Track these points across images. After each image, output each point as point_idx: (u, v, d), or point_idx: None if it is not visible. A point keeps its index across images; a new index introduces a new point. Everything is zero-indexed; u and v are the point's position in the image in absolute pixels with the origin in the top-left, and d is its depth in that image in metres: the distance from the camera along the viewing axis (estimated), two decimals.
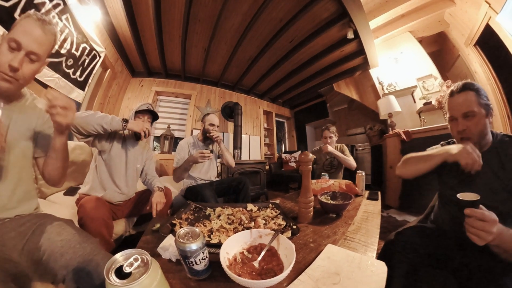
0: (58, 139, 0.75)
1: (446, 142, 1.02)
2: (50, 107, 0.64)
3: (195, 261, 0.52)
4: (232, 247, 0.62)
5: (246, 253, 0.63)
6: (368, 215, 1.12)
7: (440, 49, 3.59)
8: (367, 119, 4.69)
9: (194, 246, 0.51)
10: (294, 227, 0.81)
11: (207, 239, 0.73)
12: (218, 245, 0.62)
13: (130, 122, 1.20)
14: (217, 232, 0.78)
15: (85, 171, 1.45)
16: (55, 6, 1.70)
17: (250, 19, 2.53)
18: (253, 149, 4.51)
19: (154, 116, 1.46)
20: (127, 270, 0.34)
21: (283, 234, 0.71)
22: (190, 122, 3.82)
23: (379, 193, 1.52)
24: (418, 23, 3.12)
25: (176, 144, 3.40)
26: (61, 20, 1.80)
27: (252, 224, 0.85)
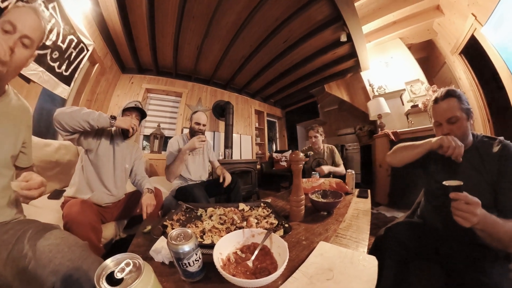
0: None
1: None
2: (22, 189, 0.57)
3: (189, 262, 0.52)
4: (225, 247, 0.62)
5: (239, 253, 0.63)
6: (358, 212, 1.15)
7: (427, 55, 3.84)
8: (357, 120, 4.81)
9: (187, 248, 0.51)
10: (286, 225, 0.82)
11: (199, 240, 0.72)
12: (211, 245, 0.62)
13: (118, 119, 1.16)
14: (209, 233, 0.77)
15: (70, 173, 1.36)
16: None
17: (245, 17, 2.51)
18: (244, 148, 4.47)
19: (143, 114, 1.40)
20: (118, 276, 0.33)
21: (275, 232, 0.71)
22: (180, 121, 3.72)
23: (368, 191, 1.56)
24: (408, 31, 3.32)
25: (166, 143, 3.34)
26: (47, 8, 1.68)
27: (245, 223, 0.85)
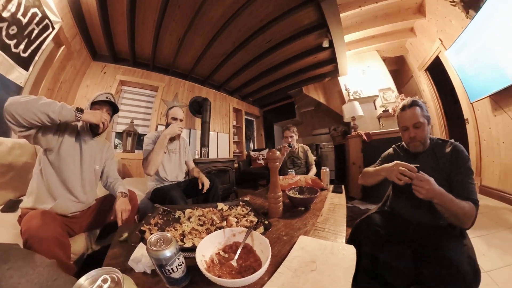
0: None
1: (396, 145, 1.24)
2: None
3: (172, 268, 0.49)
4: (207, 248, 0.61)
5: (222, 253, 0.62)
6: (334, 206, 1.22)
7: (398, 68, 4.55)
8: (332, 121, 5.09)
9: (168, 253, 0.48)
10: (266, 222, 0.83)
11: (180, 243, 0.69)
12: (193, 248, 0.60)
13: (86, 112, 1.00)
14: (189, 235, 0.75)
15: (27, 178, 1.12)
16: None
17: (232, 14, 2.46)
18: (221, 147, 4.38)
19: (115, 109, 1.24)
20: None
21: (256, 230, 0.72)
22: (155, 117, 3.42)
23: (343, 186, 1.66)
24: (385, 45, 3.84)
25: (140, 141, 3.14)
26: None
27: (224, 223, 0.84)
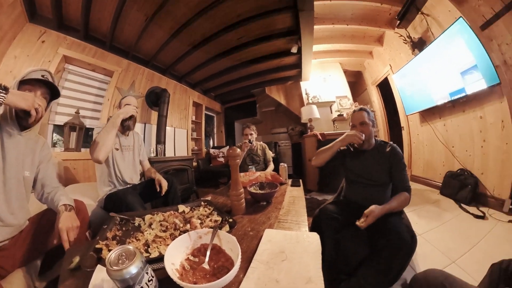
0: None
1: (349, 144, 1.46)
2: None
3: (142, 287, 0.43)
4: (176, 255, 0.57)
5: (191, 258, 0.60)
6: (294, 199, 1.30)
7: (356, 81, 5.42)
8: (290, 121, 5.45)
9: (134, 269, 0.41)
10: (230, 220, 0.83)
11: (145, 254, 0.63)
12: (161, 258, 0.55)
13: (11, 92, 0.75)
14: (154, 244, 0.69)
15: None
16: None
17: (210, 3, 2.31)
18: (179, 143, 4.04)
19: (54, 93, 0.98)
20: None
21: (221, 229, 0.72)
22: (107, 108, 2.76)
23: (300, 180, 1.79)
24: (347, 60, 4.52)
25: (88, 136, 2.63)
26: None
27: (188, 226, 0.81)
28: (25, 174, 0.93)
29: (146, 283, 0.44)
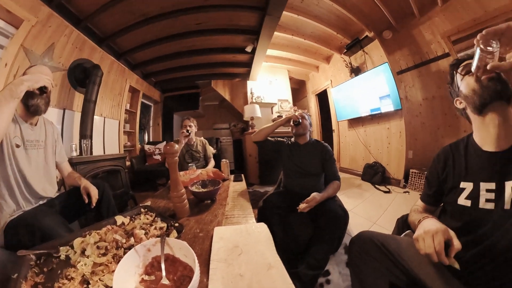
0: None
1: (287, 138, 1.74)
2: None
3: None
4: (127, 280, 0.50)
5: (146, 277, 0.54)
6: (237, 193, 1.35)
7: (298, 88, 6.34)
8: (233, 118, 5.52)
9: None
10: (177, 224, 0.79)
11: None
12: None
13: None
14: (95, 277, 0.54)
15: None
16: None
17: None
18: (109, 138, 3.26)
19: None
20: None
21: (169, 236, 0.69)
22: (4, 75, 1.78)
23: (242, 175, 1.86)
24: (294, 69, 5.08)
25: None
26: None
27: (132, 240, 0.71)
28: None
29: None
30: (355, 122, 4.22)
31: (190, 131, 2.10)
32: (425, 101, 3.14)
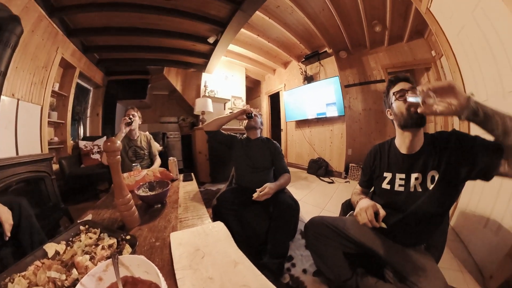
0: None
1: (240, 134, 1.78)
2: None
3: None
4: None
5: None
6: (189, 194, 1.28)
7: (253, 87, 6.55)
8: (182, 111, 5.17)
9: None
10: (128, 237, 0.69)
11: None
12: None
13: None
14: None
15: None
16: None
17: None
18: (26, 131, 2.21)
19: None
20: None
21: (122, 253, 0.61)
22: None
23: (192, 174, 1.79)
24: (253, 68, 5.20)
25: None
26: None
27: (75, 272, 0.55)
28: None
29: None
30: (302, 123, 4.75)
31: (133, 119, 1.87)
32: (363, 111, 3.99)
